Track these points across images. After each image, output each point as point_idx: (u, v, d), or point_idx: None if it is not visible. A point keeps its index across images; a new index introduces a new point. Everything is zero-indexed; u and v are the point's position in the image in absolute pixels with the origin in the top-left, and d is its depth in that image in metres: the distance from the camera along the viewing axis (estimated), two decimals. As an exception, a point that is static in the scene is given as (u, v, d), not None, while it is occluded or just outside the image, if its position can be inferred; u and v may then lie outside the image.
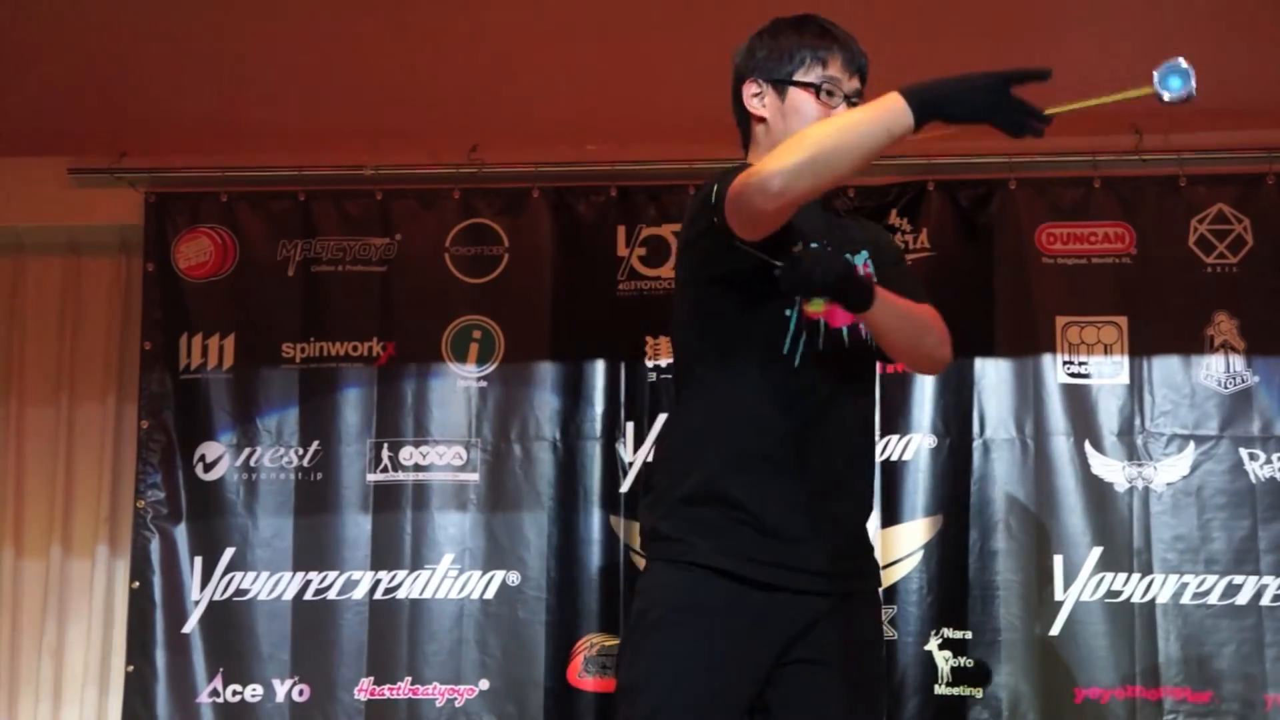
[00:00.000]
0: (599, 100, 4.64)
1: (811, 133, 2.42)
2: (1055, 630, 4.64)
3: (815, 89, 2.66)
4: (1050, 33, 4.24)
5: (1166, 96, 2.37)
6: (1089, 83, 4.59)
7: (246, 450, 4.92)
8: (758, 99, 2.71)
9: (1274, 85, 4.53)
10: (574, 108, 4.70)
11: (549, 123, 4.78)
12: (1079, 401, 4.75)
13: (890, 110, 2.37)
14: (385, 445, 4.90)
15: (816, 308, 2.52)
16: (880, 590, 2.79)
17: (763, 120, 2.71)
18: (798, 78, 2.67)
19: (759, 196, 2.39)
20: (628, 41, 4.27)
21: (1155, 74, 2.39)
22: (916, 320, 2.71)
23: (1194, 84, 2.35)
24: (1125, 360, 4.76)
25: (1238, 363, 4.72)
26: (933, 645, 4.66)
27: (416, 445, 4.90)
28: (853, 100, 2.67)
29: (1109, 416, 4.73)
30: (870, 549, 2.74)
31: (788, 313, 2.60)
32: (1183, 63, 2.36)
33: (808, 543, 2.57)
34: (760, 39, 2.73)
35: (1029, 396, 4.76)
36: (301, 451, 4.91)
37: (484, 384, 4.92)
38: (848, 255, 2.67)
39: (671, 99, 4.43)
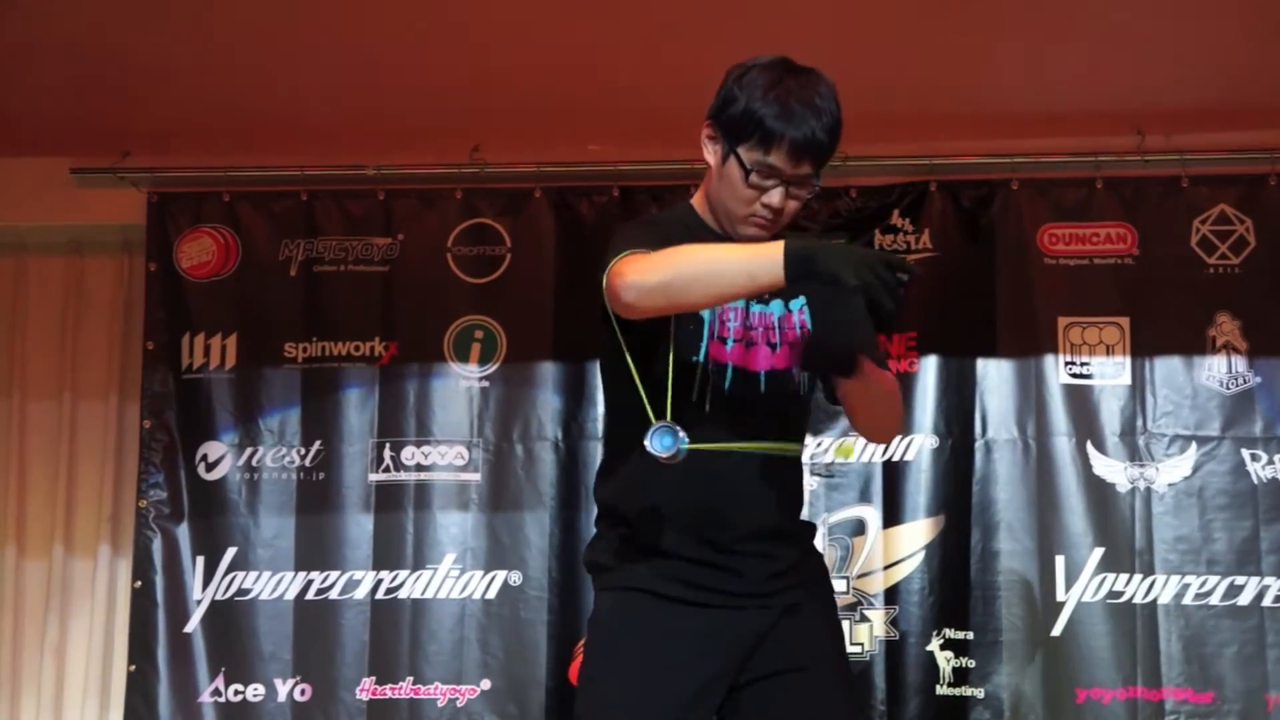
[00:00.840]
0: (601, 100, 4.64)
1: (681, 255, 2.39)
2: (1057, 631, 4.64)
3: (745, 170, 2.52)
4: (1054, 33, 4.24)
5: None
6: (1094, 84, 4.61)
7: (248, 450, 4.92)
8: (710, 143, 2.60)
9: (1277, 86, 4.53)
10: (576, 108, 4.70)
11: (551, 123, 4.78)
12: (1081, 402, 4.75)
13: (763, 257, 2.32)
14: (387, 445, 4.91)
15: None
16: (831, 592, 2.74)
17: (708, 164, 2.63)
18: (740, 150, 2.52)
19: (616, 300, 2.43)
20: (630, 42, 4.27)
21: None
22: (885, 400, 2.72)
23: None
24: (1127, 361, 4.76)
25: (1239, 363, 4.72)
26: (934, 645, 4.66)
27: (418, 445, 4.90)
28: (798, 184, 2.53)
29: (1111, 417, 4.73)
30: (806, 559, 2.69)
31: (694, 359, 2.57)
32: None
33: (737, 575, 2.57)
34: (738, 84, 2.55)
35: (1031, 397, 4.76)
36: (303, 451, 4.91)
37: (486, 384, 4.92)
38: (763, 306, 2.62)
39: (674, 99, 4.41)
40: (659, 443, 2.44)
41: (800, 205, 2.59)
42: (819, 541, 4.64)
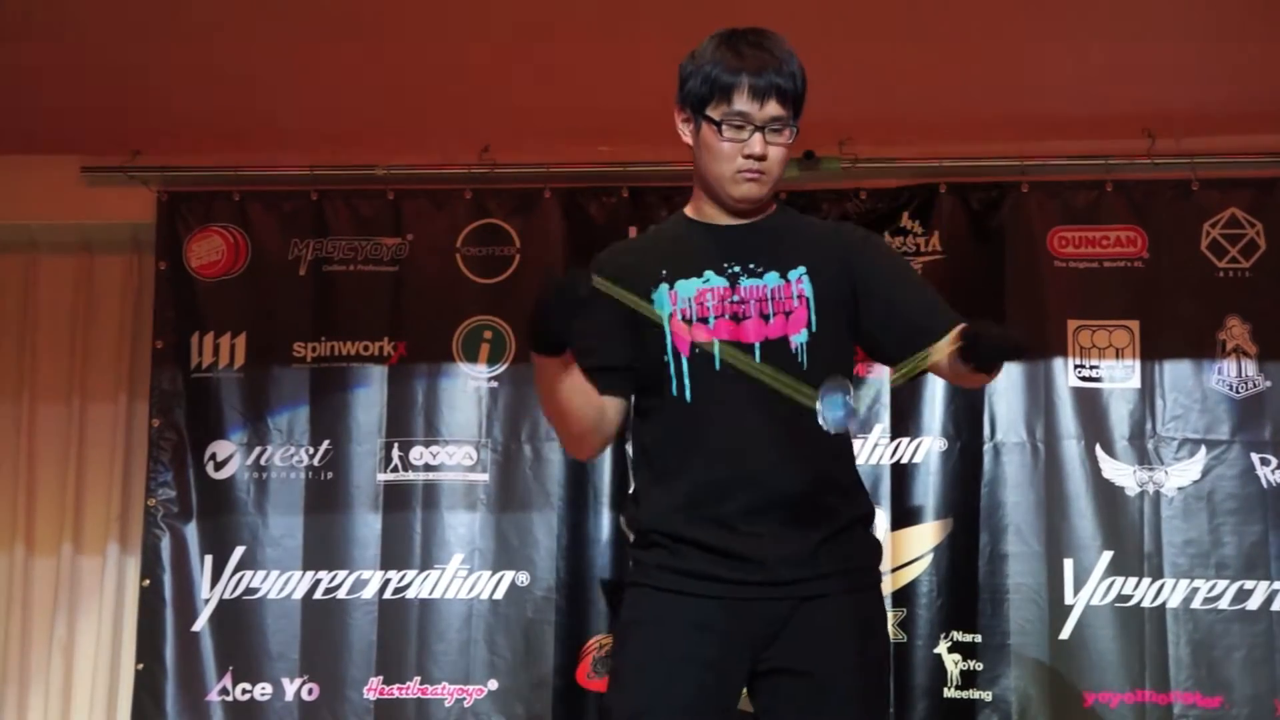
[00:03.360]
0: (611, 101, 4.64)
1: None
2: (1065, 634, 4.63)
3: (717, 126, 2.60)
4: (1063, 35, 4.24)
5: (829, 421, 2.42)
6: (1104, 86, 4.60)
7: (257, 449, 4.93)
8: (686, 126, 2.67)
9: (1287, 89, 4.53)
10: (586, 108, 4.70)
11: (561, 123, 4.78)
12: (1090, 405, 4.74)
13: (534, 365, 2.58)
14: (396, 445, 4.91)
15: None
16: (867, 584, 2.68)
17: (691, 149, 2.69)
18: (709, 111, 2.60)
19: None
20: (640, 41, 4.27)
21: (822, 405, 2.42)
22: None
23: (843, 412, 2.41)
24: (1136, 364, 4.75)
25: (1249, 367, 4.71)
26: (942, 648, 4.65)
27: (427, 445, 4.90)
28: (774, 129, 2.59)
29: (1120, 420, 4.73)
30: (839, 542, 2.61)
31: (665, 358, 2.61)
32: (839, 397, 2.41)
33: (747, 561, 2.56)
34: (690, 60, 2.66)
35: (1040, 400, 4.76)
36: (312, 450, 4.92)
37: (494, 384, 4.92)
38: (756, 280, 2.63)
39: (684, 100, 4.43)
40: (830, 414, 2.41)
41: (785, 154, 2.63)
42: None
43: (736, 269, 2.64)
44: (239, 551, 4.87)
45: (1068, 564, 4.66)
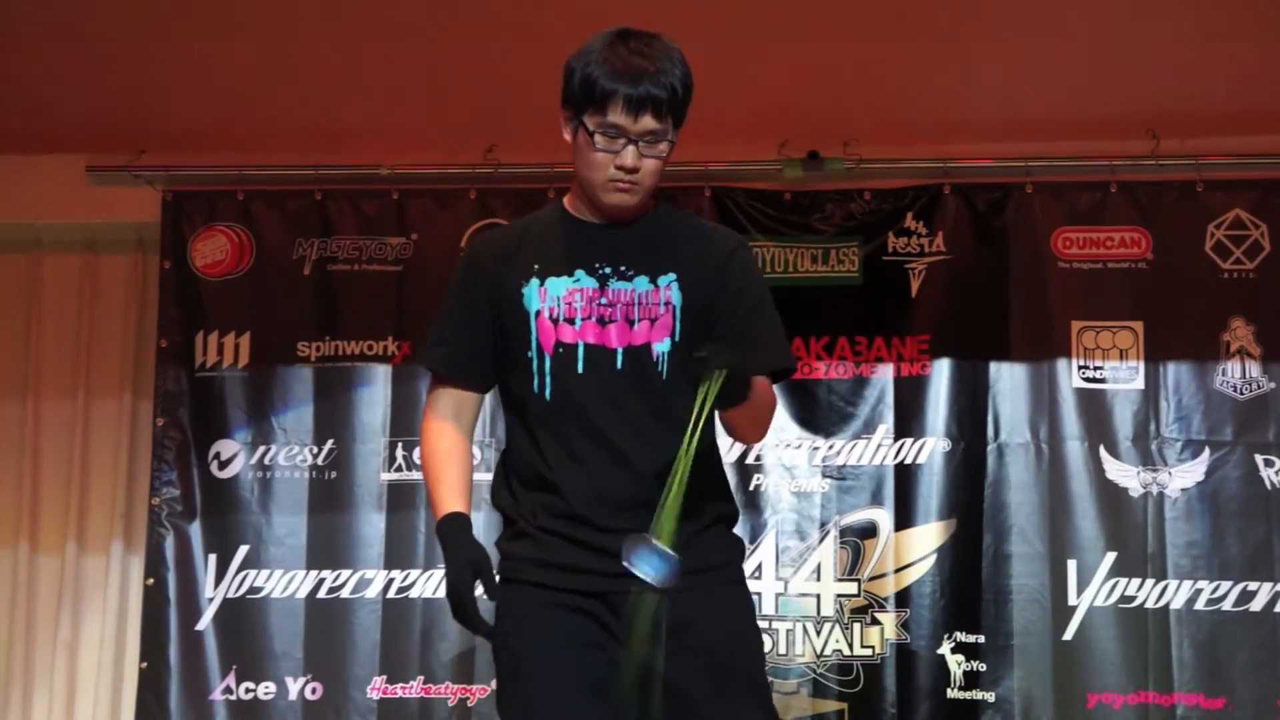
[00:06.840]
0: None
1: (425, 461, 2.70)
2: (1068, 635, 4.63)
3: (591, 135, 2.55)
4: (1068, 36, 4.24)
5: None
6: (1109, 87, 4.60)
7: (261, 448, 4.93)
8: (566, 125, 2.61)
9: (1292, 91, 4.53)
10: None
11: (565, 124, 4.78)
12: (1094, 406, 4.74)
13: (436, 511, 2.63)
14: (400, 444, 4.91)
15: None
16: (732, 580, 2.68)
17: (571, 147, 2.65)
18: (585, 118, 2.55)
19: None
20: (644, 43, 4.27)
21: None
22: (758, 414, 2.67)
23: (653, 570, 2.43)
24: (1140, 365, 4.75)
25: (1254, 369, 4.71)
26: (945, 649, 4.65)
27: (431, 445, 4.90)
28: (648, 141, 2.54)
29: (1124, 422, 4.73)
30: (698, 547, 2.58)
31: (529, 354, 2.61)
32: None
33: (607, 555, 2.53)
34: (575, 58, 2.60)
35: (1044, 401, 4.76)
36: (316, 450, 4.92)
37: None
38: (625, 283, 2.62)
39: (688, 100, 4.43)
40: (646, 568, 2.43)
41: (661, 164, 2.59)
42: (828, 544, 4.65)
43: (607, 270, 2.63)
44: (243, 550, 4.88)
45: (1071, 565, 4.66)
